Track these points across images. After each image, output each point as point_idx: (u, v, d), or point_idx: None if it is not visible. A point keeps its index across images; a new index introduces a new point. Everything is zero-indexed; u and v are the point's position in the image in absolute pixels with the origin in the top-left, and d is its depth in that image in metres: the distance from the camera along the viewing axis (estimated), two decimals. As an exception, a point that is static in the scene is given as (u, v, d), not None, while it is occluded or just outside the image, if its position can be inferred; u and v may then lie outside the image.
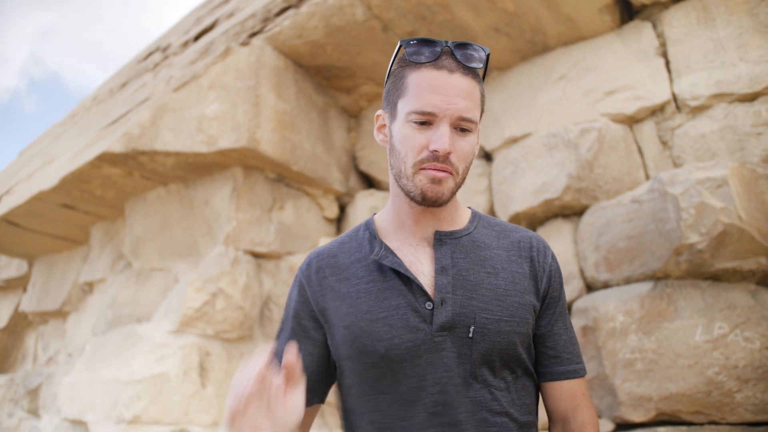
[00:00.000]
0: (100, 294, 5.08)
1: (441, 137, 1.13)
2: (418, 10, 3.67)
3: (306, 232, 4.30)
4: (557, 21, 3.66)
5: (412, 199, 1.20)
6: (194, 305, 3.68)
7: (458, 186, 1.20)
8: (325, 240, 4.33)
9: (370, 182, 4.70)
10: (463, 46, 1.18)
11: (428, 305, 1.17)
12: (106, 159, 3.96)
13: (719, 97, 3.17)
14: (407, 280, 1.20)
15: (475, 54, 1.18)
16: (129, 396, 3.48)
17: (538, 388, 1.28)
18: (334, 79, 4.45)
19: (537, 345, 1.26)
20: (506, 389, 1.18)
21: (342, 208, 4.60)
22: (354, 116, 4.80)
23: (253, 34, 4.15)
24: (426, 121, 1.15)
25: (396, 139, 1.21)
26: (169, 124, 3.86)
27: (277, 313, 3.96)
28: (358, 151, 4.68)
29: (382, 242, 1.26)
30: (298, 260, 4.04)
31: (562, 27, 3.71)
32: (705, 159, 3.12)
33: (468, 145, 1.18)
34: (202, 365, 3.66)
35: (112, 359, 3.82)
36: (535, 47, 3.89)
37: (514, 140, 3.78)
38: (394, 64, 1.25)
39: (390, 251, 1.23)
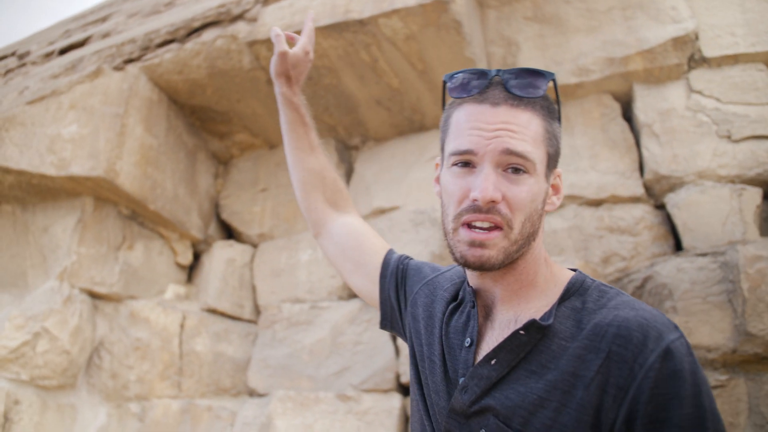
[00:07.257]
0: None
1: (482, 181, 0.91)
2: (307, 69, 3.69)
3: (154, 276, 4.00)
4: (437, 104, 3.85)
5: (456, 262, 0.98)
6: (10, 345, 3.23)
7: (516, 244, 0.94)
8: (173, 287, 4.06)
9: (230, 233, 4.51)
10: (517, 73, 0.96)
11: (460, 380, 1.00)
12: (-71, 166, 3.47)
13: (571, 198, 3.46)
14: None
15: (533, 82, 0.96)
16: None
17: None
18: (209, 122, 4.30)
19: None
20: None
21: (197, 256, 4.36)
22: (223, 163, 4.64)
23: (130, 61, 3.92)
24: (467, 162, 0.95)
25: (442, 188, 1.04)
26: (15, 139, 3.48)
27: (108, 362, 3.59)
28: (222, 199, 4.50)
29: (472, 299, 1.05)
30: (141, 306, 3.73)
31: (440, 111, 3.90)
32: (554, 254, 3.36)
33: (524, 190, 0.93)
34: (7, 415, 3.19)
35: None
36: (413, 125, 4.05)
37: (381, 211, 3.84)
38: (444, 107, 1.07)
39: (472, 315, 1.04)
